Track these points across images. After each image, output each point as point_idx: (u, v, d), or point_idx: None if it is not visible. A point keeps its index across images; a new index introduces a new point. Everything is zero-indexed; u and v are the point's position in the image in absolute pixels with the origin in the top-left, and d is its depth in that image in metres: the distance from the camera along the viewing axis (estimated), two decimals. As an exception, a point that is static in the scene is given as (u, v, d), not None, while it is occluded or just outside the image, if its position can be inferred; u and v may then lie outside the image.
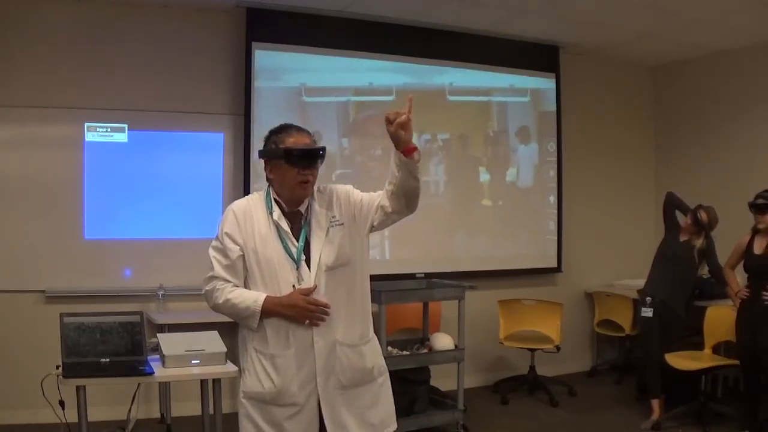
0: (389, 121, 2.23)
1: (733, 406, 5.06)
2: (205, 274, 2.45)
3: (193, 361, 3.29)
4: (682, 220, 5.24)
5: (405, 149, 2.26)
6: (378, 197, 2.45)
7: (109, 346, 3.27)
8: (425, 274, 5.62)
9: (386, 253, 5.67)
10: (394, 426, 2.57)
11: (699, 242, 5.03)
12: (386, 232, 5.20)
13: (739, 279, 4.92)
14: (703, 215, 5.00)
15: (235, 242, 2.41)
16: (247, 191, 4.95)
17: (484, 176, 6.18)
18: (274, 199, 2.46)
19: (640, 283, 5.52)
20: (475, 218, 6.13)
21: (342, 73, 5.58)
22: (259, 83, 5.26)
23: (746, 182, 5.35)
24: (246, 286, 2.43)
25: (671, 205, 5.32)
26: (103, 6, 4.97)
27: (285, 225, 2.43)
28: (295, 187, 2.41)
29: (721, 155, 6.31)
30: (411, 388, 4.78)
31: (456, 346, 4.91)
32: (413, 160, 2.28)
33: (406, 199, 2.38)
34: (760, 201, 4.65)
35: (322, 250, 2.42)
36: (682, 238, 5.13)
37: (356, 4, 5.18)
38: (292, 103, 5.41)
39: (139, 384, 3.63)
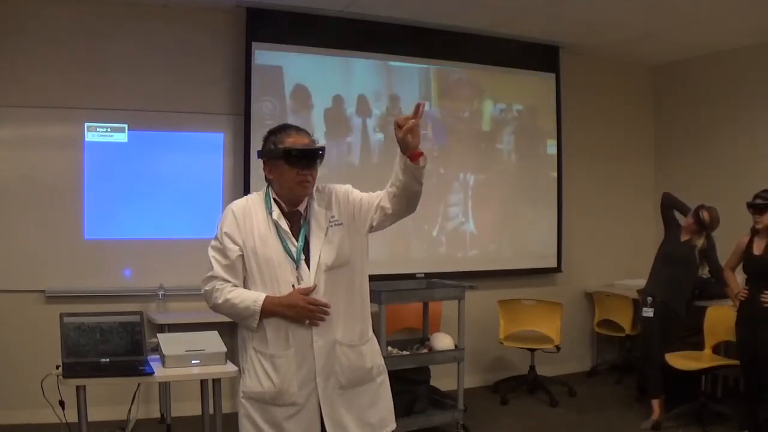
0: (399, 126, 2.23)
1: (733, 406, 5.06)
2: (204, 274, 2.45)
3: (193, 361, 3.29)
4: (683, 220, 5.23)
5: (411, 154, 2.26)
6: (378, 197, 2.45)
7: (109, 346, 3.28)
8: (425, 274, 5.62)
9: (386, 253, 5.68)
10: (393, 425, 2.57)
11: (700, 242, 5.03)
12: (387, 231, 5.23)
13: (739, 279, 4.92)
14: (705, 215, 4.99)
15: (234, 242, 2.41)
16: (247, 191, 4.94)
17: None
18: (274, 199, 2.46)
19: (640, 283, 5.52)
20: (479, 216, 6.15)
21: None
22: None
23: (746, 182, 5.34)
24: (245, 286, 2.43)
25: (668, 205, 5.31)
26: (103, 6, 4.97)
27: (284, 225, 2.43)
28: (295, 187, 2.41)
29: (721, 155, 6.31)
30: (411, 388, 4.79)
31: (456, 346, 4.91)
32: (419, 166, 2.28)
33: (407, 201, 2.38)
34: (759, 201, 4.64)
35: (321, 250, 2.42)
36: (683, 237, 5.12)
37: (356, 4, 5.18)
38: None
39: (139, 384, 3.63)
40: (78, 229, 4.95)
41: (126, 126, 5.04)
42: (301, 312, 2.34)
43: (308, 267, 2.41)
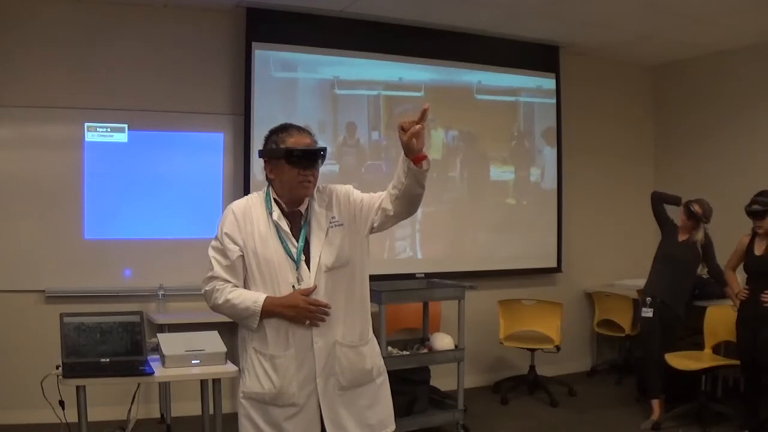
0: (403, 130, 2.23)
1: (733, 406, 5.06)
2: (204, 274, 2.45)
3: (193, 361, 3.30)
4: (677, 218, 5.20)
5: (415, 158, 2.26)
6: (379, 198, 2.45)
7: (109, 346, 3.28)
8: (425, 274, 5.62)
9: (386, 253, 5.68)
10: (393, 426, 2.57)
11: (699, 235, 5.01)
12: (388, 231, 5.23)
13: (739, 279, 4.92)
14: (695, 207, 4.99)
15: (234, 242, 2.41)
16: (247, 191, 4.94)
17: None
18: (274, 199, 2.45)
19: (640, 283, 5.52)
20: (481, 217, 6.15)
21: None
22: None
23: (746, 182, 5.35)
24: (246, 286, 2.43)
25: (658, 201, 5.30)
26: (103, 6, 4.97)
27: (285, 225, 2.43)
28: (296, 188, 2.41)
29: (721, 155, 6.31)
30: (411, 388, 4.79)
31: (456, 346, 4.91)
32: (422, 170, 2.28)
33: (408, 203, 2.38)
34: (757, 207, 4.64)
35: (321, 251, 2.42)
36: (681, 238, 5.12)
37: (356, 4, 5.18)
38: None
39: (139, 384, 3.63)
40: (78, 229, 4.95)
41: (126, 126, 5.04)
42: (301, 312, 2.34)
43: (308, 268, 2.40)
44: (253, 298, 2.37)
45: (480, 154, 6.15)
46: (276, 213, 2.43)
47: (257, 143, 2.67)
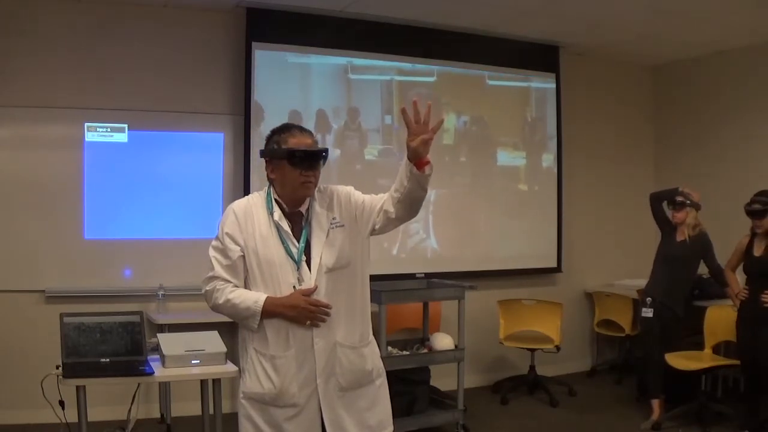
0: (413, 134, 2.23)
1: (733, 406, 5.06)
2: (205, 274, 2.45)
3: (193, 361, 3.30)
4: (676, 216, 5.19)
5: (418, 162, 2.26)
6: (380, 200, 2.45)
7: (109, 346, 3.28)
8: (425, 274, 5.62)
9: (387, 252, 5.68)
10: (391, 428, 2.57)
11: (690, 220, 5.01)
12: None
13: (739, 279, 4.92)
14: (679, 198, 5.01)
15: (235, 242, 2.41)
16: (247, 191, 4.94)
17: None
18: (275, 200, 2.45)
19: (640, 283, 5.52)
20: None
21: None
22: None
23: (746, 182, 5.34)
24: (246, 286, 2.43)
25: (657, 201, 5.28)
26: (103, 6, 4.97)
27: (286, 225, 2.42)
28: (297, 188, 2.41)
29: (721, 155, 6.31)
30: (411, 388, 4.79)
31: (456, 346, 4.91)
32: (425, 174, 2.28)
33: (410, 206, 2.38)
34: (756, 207, 4.64)
35: (322, 252, 2.41)
36: (679, 237, 5.12)
37: (356, 4, 5.18)
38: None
39: (139, 384, 3.63)
40: (78, 229, 4.95)
41: (126, 126, 5.04)
42: (302, 312, 2.34)
43: (309, 268, 2.40)
44: (253, 298, 2.37)
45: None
46: (277, 213, 2.43)
47: (257, 143, 2.67)
